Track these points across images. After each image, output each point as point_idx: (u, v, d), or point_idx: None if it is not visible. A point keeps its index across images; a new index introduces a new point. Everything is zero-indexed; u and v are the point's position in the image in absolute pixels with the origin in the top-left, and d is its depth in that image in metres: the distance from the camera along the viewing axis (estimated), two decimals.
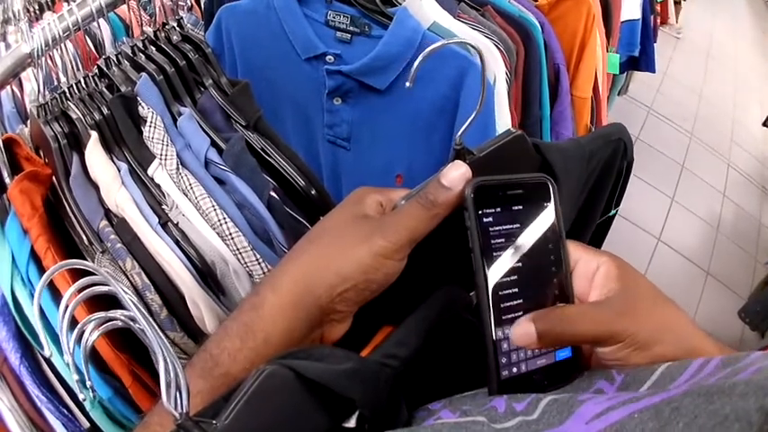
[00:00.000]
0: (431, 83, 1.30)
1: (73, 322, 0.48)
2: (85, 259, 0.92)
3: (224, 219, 0.88)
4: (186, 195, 0.91)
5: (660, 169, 4.31)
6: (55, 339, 0.81)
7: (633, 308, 0.55)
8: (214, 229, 0.88)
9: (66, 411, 0.91)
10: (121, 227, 0.90)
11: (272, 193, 0.94)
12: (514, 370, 0.57)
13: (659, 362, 0.51)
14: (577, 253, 0.61)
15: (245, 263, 0.88)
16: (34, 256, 0.91)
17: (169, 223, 0.90)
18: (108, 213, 0.94)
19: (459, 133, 0.62)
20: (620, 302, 0.56)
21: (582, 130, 1.88)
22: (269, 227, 0.92)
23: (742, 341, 3.33)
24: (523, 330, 0.55)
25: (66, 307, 0.47)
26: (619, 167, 0.94)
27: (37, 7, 1.66)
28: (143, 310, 0.47)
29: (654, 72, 2.82)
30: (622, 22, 2.40)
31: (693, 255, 3.83)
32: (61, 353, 0.48)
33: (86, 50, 1.09)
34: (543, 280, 0.59)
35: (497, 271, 0.57)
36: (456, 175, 0.58)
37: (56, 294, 0.87)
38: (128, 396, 0.89)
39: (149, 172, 0.93)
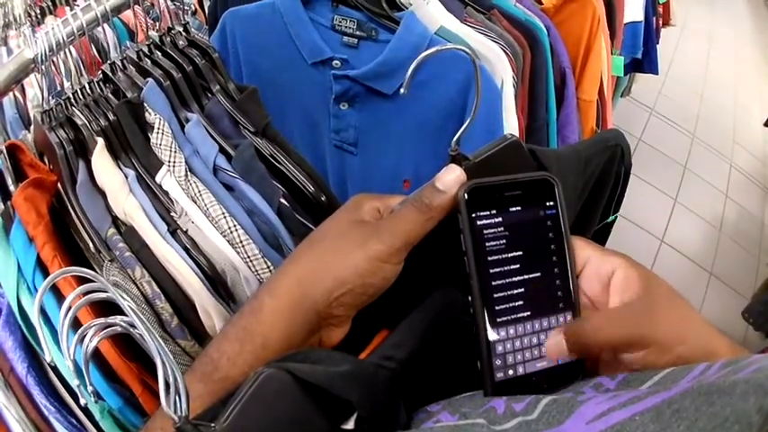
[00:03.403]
0: (438, 87, 1.29)
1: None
2: (93, 268, 0.91)
3: (234, 226, 0.87)
4: (195, 202, 0.90)
5: (662, 170, 4.31)
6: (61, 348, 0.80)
7: (657, 311, 0.55)
8: (224, 236, 0.88)
9: (74, 421, 0.90)
10: (130, 235, 0.90)
11: (282, 200, 0.93)
12: (510, 372, 0.57)
13: (679, 364, 0.51)
14: (587, 252, 0.61)
15: (256, 270, 0.87)
16: (40, 264, 0.90)
17: (178, 231, 0.89)
18: (116, 221, 0.93)
19: (455, 139, 0.62)
20: (645, 306, 0.56)
21: (588, 134, 1.87)
22: (279, 234, 0.91)
23: (745, 341, 3.33)
24: (553, 342, 0.57)
25: (67, 311, 0.47)
26: (616, 173, 0.94)
27: (38, 11, 1.65)
28: (141, 315, 0.47)
29: (657, 74, 2.82)
30: (625, 24, 2.39)
31: (696, 256, 3.82)
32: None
33: (90, 55, 1.08)
34: (544, 281, 0.59)
35: (492, 273, 0.57)
36: (450, 178, 0.59)
37: (62, 303, 0.86)
38: (138, 405, 0.88)
39: (157, 179, 0.93)
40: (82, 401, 0.56)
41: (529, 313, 0.58)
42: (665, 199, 4.12)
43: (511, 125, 1.37)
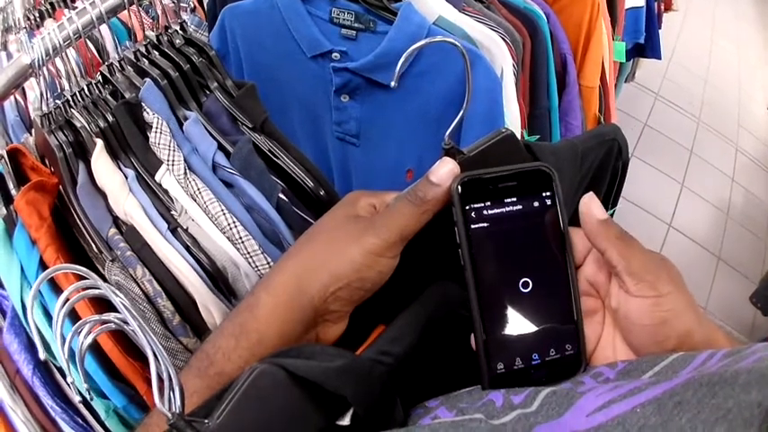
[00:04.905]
0: (438, 77, 1.29)
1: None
2: (95, 268, 0.91)
3: (233, 223, 0.87)
4: (195, 200, 0.90)
5: (669, 155, 4.29)
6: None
7: (639, 247, 0.56)
8: (224, 233, 0.88)
9: (81, 421, 0.90)
10: (131, 234, 0.90)
11: (282, 195, 0.93)
12: (508, 365, 0.56)
13: (664, 307, 0.52)
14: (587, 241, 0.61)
15: (256, 266, 0.87)
16: (43, 266, 0.90)
17: (179, 229, 0.89)
18: (117, 221, 0.93)
19: (447, 133, 0.62)
20: (653, 258, 0.56)
21: (591, 120, 1.87)
22: (278, 229, 0.91)
23: (754, 327, 3.32)
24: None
25: (63, 304, 0.48)
26: (614, 168, 0.94)
27: (37, 15, 1.65)
28: (134, 312, 0.47)
29: (660, 58, 2.80)
30: (627, 9, 2.38)
31: (704, 240, 3.81)
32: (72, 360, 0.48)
33: (89, 57, 1.08)
34: (542, 273, 0.58)
35: (488, 265, 0.57)
36: (444, 171, 0.59)
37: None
38: (143, 403, 0.88)
39: (157, 178, 0.93)
40: (76, 398, 0.57)
41: (526, 305, 0.57)
42: (672, 183, 4.10)
43: (512, 113, 1.37)
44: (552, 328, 0.58)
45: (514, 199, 0.58)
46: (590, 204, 0.57)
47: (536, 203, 0.59)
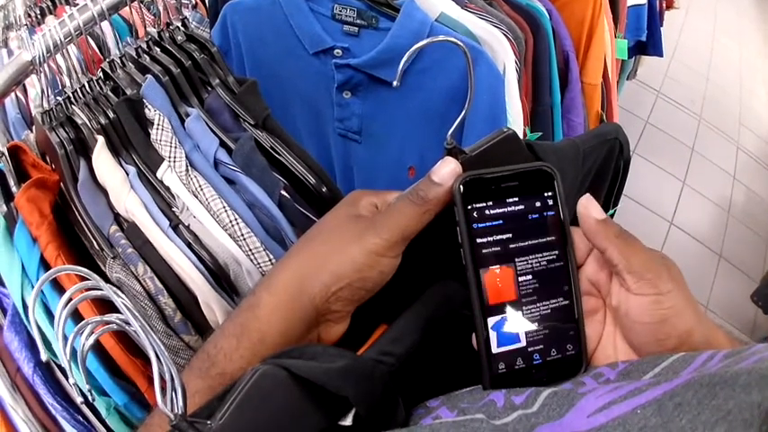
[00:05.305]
0: (440, 74, 1.29)
1: None
2: (96, 265, 0.91)
3: (235, 220, 0.87)
4: (197, 197, 0.90)
5: (671, 153, 4.29)
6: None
7: (639, 245, 0.56)
8: (226, 230, 0.87)
9: (82, 419, 0.90)
10: (132, 231, 0.89)
11: (283, 192, 0.92)
12: (509, 365, 0.56)
13: (664, 305, 0.52)
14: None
15: (258, 263, 0.87)
16: (44, 264, 0.90)
17: (180, 226, 0.89)
18: (118, 218, 0.93)
19: (450, 133, 0.62)
20: (651, 255, 0.56)
21: (593, 117, 1.87)
22: (281, 226, 0.91)
23: (755, 325, 3.32)
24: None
25: (65, 304, 0.47)
26: (615, 167, 0.94)
27: (38, 12, 1.65)
28: (136, 313, 0.47)
29: (662, 56, 2.80)
30: (629, 6, 2.38)
31: (706, 238, 3.81)
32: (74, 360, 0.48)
33: (90, 54, 1.07)
34: (543, 272, 0.58)
35: (489, 265, 0.57)
36: (446, 170, 0.58)
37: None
38: (144, 401, 0.88)
39: (158, 174, 0.92)
40: (78, 399, 0.56)
41: (528, 305, 0.57)
42: (673, 181, 4.10)
43: (514, 110, 1.37)
44: (553, 328, 0.58)
45: (516, 199, 0.58)
46: (588, 205, 0.57)
47: (538, 203, 0.59)
